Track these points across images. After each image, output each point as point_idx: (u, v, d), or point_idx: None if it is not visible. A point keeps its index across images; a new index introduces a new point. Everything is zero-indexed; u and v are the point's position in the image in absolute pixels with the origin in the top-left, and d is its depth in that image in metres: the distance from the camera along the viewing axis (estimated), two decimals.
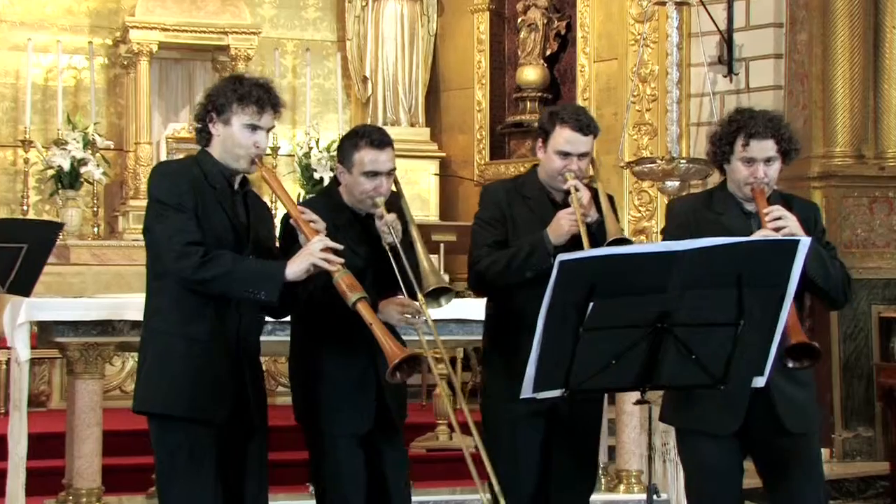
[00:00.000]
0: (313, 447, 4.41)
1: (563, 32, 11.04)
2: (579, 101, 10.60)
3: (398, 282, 4.26)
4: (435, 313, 4.31)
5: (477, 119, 11.31)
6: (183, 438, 3.95)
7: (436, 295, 4.29)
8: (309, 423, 4.41)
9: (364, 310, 3.84)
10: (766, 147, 4.22)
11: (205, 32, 10.57)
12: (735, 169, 4.29)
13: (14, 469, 5.64)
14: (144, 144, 10.41)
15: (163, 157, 10.08)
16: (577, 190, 4.37)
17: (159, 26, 10.33)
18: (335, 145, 10.48)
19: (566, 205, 4.40)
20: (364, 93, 11.40)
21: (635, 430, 6.49)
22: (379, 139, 4.35)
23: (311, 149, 10.82)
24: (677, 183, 8.78)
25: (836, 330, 8.45)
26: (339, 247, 3.92)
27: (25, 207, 10.13)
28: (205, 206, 3.95)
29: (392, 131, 11.09)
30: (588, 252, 3.43)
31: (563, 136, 4.44)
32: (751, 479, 4.43)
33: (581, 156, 4.45)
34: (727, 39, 9.61)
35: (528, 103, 11.04)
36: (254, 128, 4.00)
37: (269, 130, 4.06)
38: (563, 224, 4.32)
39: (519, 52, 11.15)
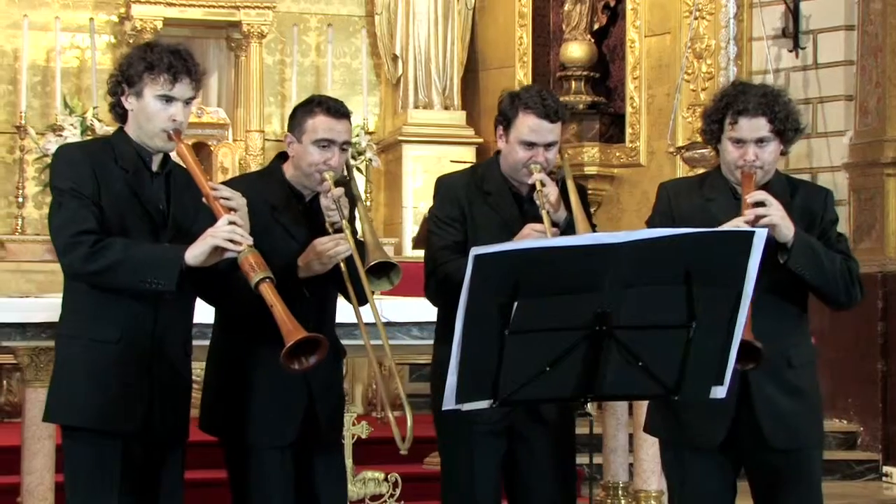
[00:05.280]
0: (232, 460, 4.35)
1: (611, 4, 10.90)
2: (629, 80, 10.51)
3: (339, 269, 4.17)
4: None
5: None
6: (87, 452, 3.95)
7: (384, 271, 4.17)
8: (226, 432, 4.34)
9: (267, 291, 3.76)
10: (756, 126, 4.10)
11: (214, 7, 10.62)
12: (725, 150, 4.18)
13: None
14: None
15: None
16: (543, 185, 4.21)
17: (164, 1, 10.37)
18: (359, 131, 10.45)
19: (530, 199, 4.27)
20: (394, 73, 11.34)
21: (654, 446, 6.31)
22: (336, 108, 4.30)
23: None
24: None
25: None
26: (245, 226, 3.84)
27: (21, 199, 10.24)
28: (111, 191, 3.92)
29: (425, 115, 11.21)
30: (505, 244, 3.32)
31: (528, 125, 4.27)
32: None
33: (548, 146, 4.29)
34: (793, 9, 9.42)
35: (574, 83, 10.89)
36: (167, 99, 3.95)
37: (188, 102, 4.01)
38: None
39: (563, 27, 11.01)
